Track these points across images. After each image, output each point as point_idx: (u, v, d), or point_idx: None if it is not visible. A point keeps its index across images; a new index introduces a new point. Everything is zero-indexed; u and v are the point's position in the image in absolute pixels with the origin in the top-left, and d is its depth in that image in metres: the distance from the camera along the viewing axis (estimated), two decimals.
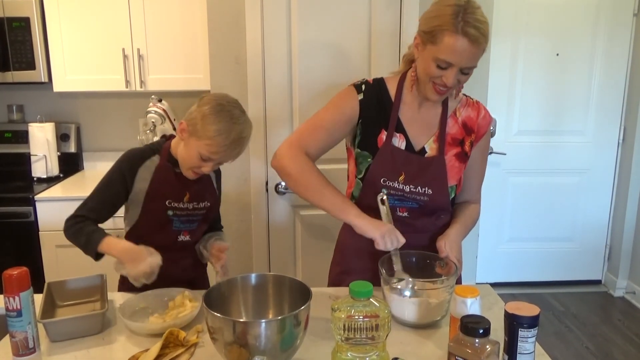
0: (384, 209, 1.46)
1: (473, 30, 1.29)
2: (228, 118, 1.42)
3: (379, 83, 1.55)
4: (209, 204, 1.59)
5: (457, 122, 1.54)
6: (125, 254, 1.43)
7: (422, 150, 1.52)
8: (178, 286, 1.48)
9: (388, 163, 1.49)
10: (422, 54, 1.40)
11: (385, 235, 1.40)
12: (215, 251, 1.60)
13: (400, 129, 1.51)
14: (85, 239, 1.44)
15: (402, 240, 1.42)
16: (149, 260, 1.40)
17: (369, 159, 1.52)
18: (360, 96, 1.52)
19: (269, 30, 2.36)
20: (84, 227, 1.46)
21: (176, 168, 1.53)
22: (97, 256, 1.47)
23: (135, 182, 1.51)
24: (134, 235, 1.57)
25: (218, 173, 1.69)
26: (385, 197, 1.46)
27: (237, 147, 1.45)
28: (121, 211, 1.59)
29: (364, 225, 1.43)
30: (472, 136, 1.55)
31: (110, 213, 1.54)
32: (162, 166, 1.52)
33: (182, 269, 1.60)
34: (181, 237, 1.58)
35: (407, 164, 1.49)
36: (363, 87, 1.53)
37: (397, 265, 1.43)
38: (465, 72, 1.37)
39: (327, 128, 1.53)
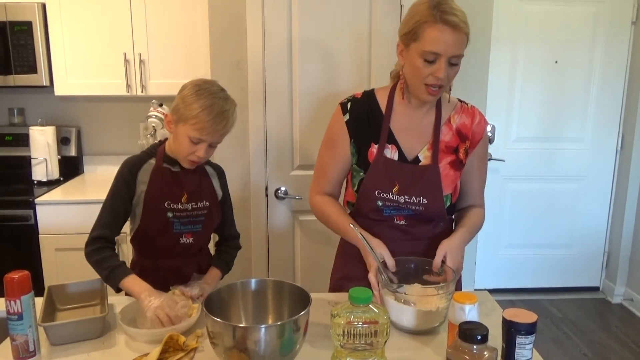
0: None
1: (452, 17, 1.33)
2: (207, 94, 1.46)
3: (369, 96, 1.56)
4: (208, 204, 1.60)
5: (451, 129, 1.54)
6: (142, 294, 1.39)
7: (416, 160, 1.52)
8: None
9: (381, 175, 1.50)
10: (407, 56, 1.42)
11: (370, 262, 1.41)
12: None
13: (392, 140, 1.51)
14: (108, 272, 1.45)
15: (373, 263, 1.38)
16: (154, 307, 1.36)
17: (362, 174, 1.53)
18: (346, 117, 1.53)
19: (269, 35, 2.37)
20: (106, 259, 1.47)
21: (173, 168, 1.55)
22: (118, 290, 1.50)
23: (136, 185, 1.54)
24: (137, 239, 1.59)
25: (220, 173, 1.69)
26: (351, 225, 1.46)
27: (222, 122, 1.46)
28: None
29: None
30: (466, 143, 1.54)
31: (123, 223, 1.56)
32: (158, 168, 1.55)
33: (186, 279, 1.55)
34: (183, 240, 1.58)
35: (400, 174, 1.49)
36: (349, 105, 1.54)
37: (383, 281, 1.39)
38: (454, 62, 1.38)
39: (330, 166, 1.59)
